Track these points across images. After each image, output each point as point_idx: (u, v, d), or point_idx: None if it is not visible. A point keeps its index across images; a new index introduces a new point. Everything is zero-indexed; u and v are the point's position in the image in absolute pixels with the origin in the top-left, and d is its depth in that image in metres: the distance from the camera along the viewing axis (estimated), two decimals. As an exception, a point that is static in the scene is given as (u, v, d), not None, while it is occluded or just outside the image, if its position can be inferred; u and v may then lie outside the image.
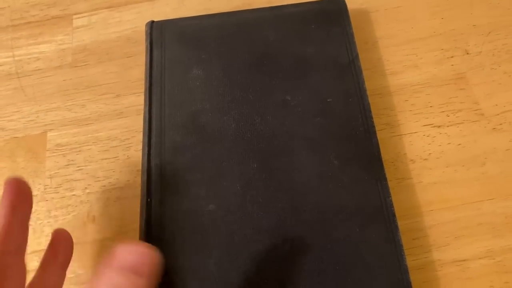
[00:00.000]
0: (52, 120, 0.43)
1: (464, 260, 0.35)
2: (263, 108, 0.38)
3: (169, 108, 0.39)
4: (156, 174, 0.36)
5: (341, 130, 0.37)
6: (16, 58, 0.47)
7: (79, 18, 0.49)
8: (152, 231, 0.34)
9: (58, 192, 0.40)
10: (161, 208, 0.35)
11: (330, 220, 0.34)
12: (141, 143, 0.38)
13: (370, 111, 0.37)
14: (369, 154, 0.36)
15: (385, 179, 0.35)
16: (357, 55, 0.40)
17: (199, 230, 0.34)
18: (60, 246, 0.34)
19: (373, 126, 0.37)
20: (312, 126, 0.37)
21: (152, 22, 0.44)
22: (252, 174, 0.35)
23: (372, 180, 0.35)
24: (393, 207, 0.34)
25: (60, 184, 0.40)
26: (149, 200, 0.35)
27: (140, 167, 0.37)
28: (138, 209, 0.35)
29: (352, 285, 0.32)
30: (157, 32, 0.43)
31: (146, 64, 0.42)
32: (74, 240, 0.38)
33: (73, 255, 0.37)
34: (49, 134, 0.43)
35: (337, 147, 0.36)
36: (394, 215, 0.34)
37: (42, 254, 0.37)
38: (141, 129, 0.39)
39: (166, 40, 0.42)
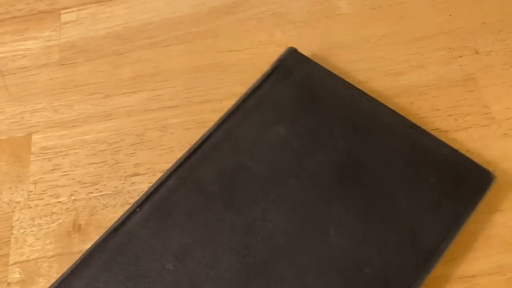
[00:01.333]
0: (37, 122, 0.41)
1: (472, 276, 0.33)
2: (300, 221, 0.33)
3: (229, 143, 0.35)
4: (162, 195, 0.34)
5: None
6: (0, 55, 0.45)
7: (67, 13, 0.46)
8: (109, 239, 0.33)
9: (42, 199, 0.38)
10: (139, 228, 0.33)
11: None
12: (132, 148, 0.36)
13: None
14: None
15: None
16: (443, 251, 0.32)
17: None
18: None
19: None
20: (325, 281, 0.31)
21: (295, 50, 0.39)
22: None
23: None
24: None
25: (45, 190, 0.38)
26: (136, 210, 0.33)
27: (129, 173, 0.35)
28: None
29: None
30: (289, 63, 0.38)
31: (251, 87, 0.37)
32: (58, 251, 0.36)
33: (57, 267, 0.35)
34: (34, 136, 0.40)
35: None
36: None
37: (24, 265, 0.35)
38: (131, 132, 0.37)
39: (288, 78, 0.37)
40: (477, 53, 0.41)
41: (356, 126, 0.36)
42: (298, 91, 0.37)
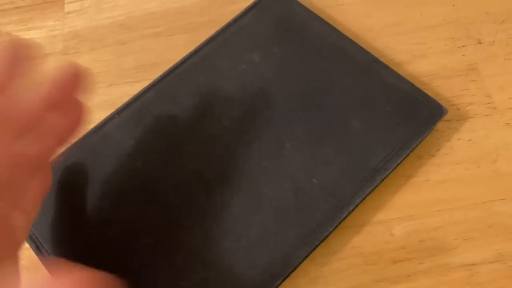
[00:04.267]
0: (41, 111, 0.41)
1: (473, 264, 0.33)
2: (265, 131, 0.36)
3: (205, 65, 0.39)
4: (143, 103, 0.38)
5: (298, 212, 0.34)
6: (5, 45, 0.45)
7: (71, 2, 0.46)
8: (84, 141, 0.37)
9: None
10: (116, 131, 0.37)
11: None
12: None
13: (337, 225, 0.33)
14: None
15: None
16: (386, 170, 0.34)
17: None
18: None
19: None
20: (280, 193, 0.34)
21: None
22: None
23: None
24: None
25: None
26: (115, 116, 0.38)
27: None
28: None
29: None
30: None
31: (232, 19, 0.41)
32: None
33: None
34: (38, 125, 0.41)
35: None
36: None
37: (26, 252, 0.35)
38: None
39: (267, 11, 0.41)
40: (480, 43, 0.41)
41: (324, 58, 0.39)
42: (276, 23, 0.41)
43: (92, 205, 0.34)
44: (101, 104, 0.41)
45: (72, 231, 0.34)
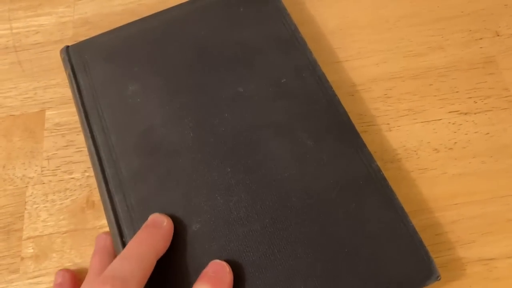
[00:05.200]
0: (51, 98, 0.41)
1: (491, 259, 0.32)
2: (217, 107, 0.35)
3: (115, 134, 0.35)
4: (123, 211, 0.32)
5: (304, 108, 0.35)
6: (14, 31, 0.44)
7: (81, -11, 0.46)
8: None
9: (56, 175, 0.37)
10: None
11: (323, 202, 0.31)
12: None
13: (327, 81, 0.35)
14: (339, 124, 0.34)
15: (364, 146, 0.33)
16: (296, 28, 0.37)
17: (189, 252, 0.31)
18: None
19: (335, 95, 0.35)
20: (274, 112, 0.34)
21: (67, 47, 0.39)
22: (228, 180, 0.32)
23: (351, 149, 0.33)
24: (381, 171, 0.32)
25: (58, 166, 0.38)
26: (123, 240, 0.31)
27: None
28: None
29: (365, 262, 0.29)
30: (76, 56, 0.38)
31: (74, 94, 0.37)
32: (72, 227, 0.36)
33: (71, 242, 0.35)
34: (48, 112, 0.40)
35: (306, 126, 0.34)
36: (385, 179, 0.32)
37: (37, 240, 0.35)
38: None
39: (89, 63, 0.38)
40: (498, 35, 0.40)
41: (167, 36, 0.39)
42: (106, 60, 0.38)
43: None
44: (111, 92, 0.40)
45: None
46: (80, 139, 0.38)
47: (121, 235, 0.31)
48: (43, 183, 0.37)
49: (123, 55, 0.38)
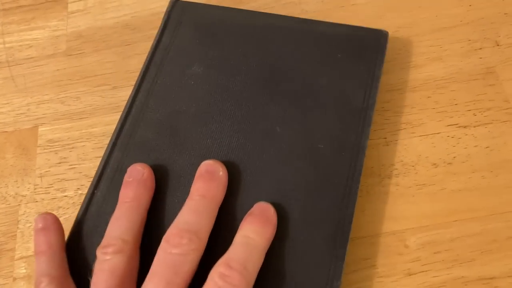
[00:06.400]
0: (44, 114, 0.40)
1: (492, 278, 0.31)
2: (247, 132, 0.34)
3: (154, 99, 0.36)
4: (112, 168, 0.34)
5: (318, 185, 0.32)
6: (7, 45, 0.44)
7: (74, 2, 0.45)
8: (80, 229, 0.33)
9: (48, 193, 0.37)
10: (103, 205, 0.33)
11: None
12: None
13: (360, 173, 0.32)
14: (338, 227, 0.31)
15: (343, 260, 0.30)
16: (373, 104, 0.34)
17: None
18: None
19: (356, 194, 0.32)
20: (289, 170, 0.33)
21: (176, 0, 0.40)
22: None
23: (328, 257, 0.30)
24: None
25: (51, 184, 0.37)
26: (94, 192, 0.33)
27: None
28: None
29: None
30: (177, 13, 0.39)
31: (152, 44, 0.38)
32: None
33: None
34: (41, 128, 0.40)
35: (306, 203, 0.32)
36: None
37: (30, 260, 0.34)
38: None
39: (182, 24, 0.39)
40: (498, 45, 0.39)
41: (259, 40, 0.38)
42: (196, 31, 0.39)
43: None
44: (105, 107, 0.40)
45: None
46: (73, 156, 0.38)
47: (96, 187, 0.33)
48: (36, 201, 0.37)
49: (210, 36, 0.38)
